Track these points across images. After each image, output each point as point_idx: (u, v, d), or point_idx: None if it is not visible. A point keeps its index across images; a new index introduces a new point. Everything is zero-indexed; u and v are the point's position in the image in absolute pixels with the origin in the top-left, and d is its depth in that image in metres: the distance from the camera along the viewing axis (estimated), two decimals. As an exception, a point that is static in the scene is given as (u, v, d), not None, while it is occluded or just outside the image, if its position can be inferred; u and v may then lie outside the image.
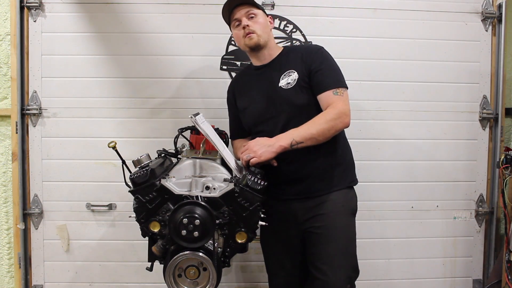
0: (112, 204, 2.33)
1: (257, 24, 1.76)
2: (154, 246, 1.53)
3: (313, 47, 1.84)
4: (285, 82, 1.73)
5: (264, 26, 1.78)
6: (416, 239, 2.42)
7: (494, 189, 2.38)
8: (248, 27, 1.74)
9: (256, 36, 1.75)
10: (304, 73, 1.72)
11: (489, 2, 2.36)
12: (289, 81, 1.73)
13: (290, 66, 1.75)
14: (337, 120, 1.62)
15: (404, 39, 2.34)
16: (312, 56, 1.73)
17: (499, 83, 2.36)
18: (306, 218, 1.73)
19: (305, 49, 1.82)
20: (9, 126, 2.33)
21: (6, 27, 2.31)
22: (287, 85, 1.73)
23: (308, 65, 1.72)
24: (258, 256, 2.38)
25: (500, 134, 2.36)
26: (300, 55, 1.75)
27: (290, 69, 1.74)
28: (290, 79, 1.73)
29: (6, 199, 2.38)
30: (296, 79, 1.72)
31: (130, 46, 2.29)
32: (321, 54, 1.75)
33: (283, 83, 1.74)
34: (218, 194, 1.49)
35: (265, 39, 1.77)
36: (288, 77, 1.74)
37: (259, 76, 1.82)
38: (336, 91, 1.67)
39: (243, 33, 1.76)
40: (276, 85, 1.75)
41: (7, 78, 2.33)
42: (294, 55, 1.78)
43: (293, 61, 1.76)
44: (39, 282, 2.35)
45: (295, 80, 1.72)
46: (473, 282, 2.45)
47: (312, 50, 1.77)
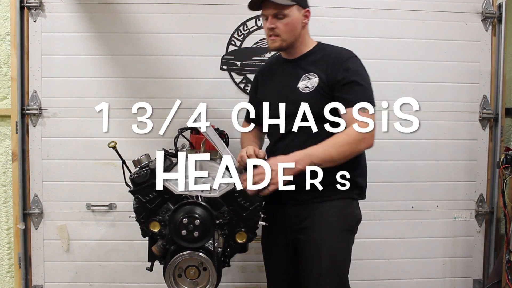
0: (112, 204, 2.33)
1: (284, 26, 1.61)
2: (154, 246, 1.53)
3: (345, 54, 1.65)
4: (304, 85, 1.63)
5: (292, 28, 1.62)
6: (416, 239, 2.42)
7: (494, 189, 2.38)
8: (273, 30, 1.63)
9: (280, 41, 1.63)
10: (326, 81, 1.59)
11: (489, 2, 2.36)
12: (307, 85, 1.62)
13: (314, 69, 1.63)
14: (360, 142, 1.50)
15: (404, 39, 2.34)
16: (341, 65, 1.59)
17: (499, 83, 2.36)
18: (298, 227, 1.64)
19: (335, 54, 1.65)
20: (9, 126, 2.33)
21: (6, 27, 2.31)
22: (305, 89, 1.62)
23: (334, 74, 1.58)
24: (258, 256, 2.36)
25: (500, 134, 2.36)
26: (329, 60, 1.62)
27: (313, 72, 1.63)
28: (310, 83, 1.62)
29: (6, 199, 2.38)
30: (315, 85, 1.61)
31: (130, 46, 2.29)
32: (351, 64, 1.60)
33: (302, 85, 1.63)
34: (218, 194, 1.49)
35: (290, 42, 1.65)
36: (308, 80, 1.63)
37: (284, 70, 1.72)
38: (363, 109, 1.51)
39: (268, 33, 1.65)
40: (295, 84, 1.64)
41: (7, 78, 2.33)
42: (323, 57, 1.65)
43: (320, 63, 1.63)
44: (39, 282, 2.35)
45: (314, 85, 1.61)
46: (473, 282, 2.45)
47: (342, 57, 1.62)
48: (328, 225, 1.60)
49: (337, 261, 1.61)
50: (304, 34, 1.69)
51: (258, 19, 2.30)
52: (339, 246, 1.62)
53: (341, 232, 1.62)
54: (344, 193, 1.57)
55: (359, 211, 1.69)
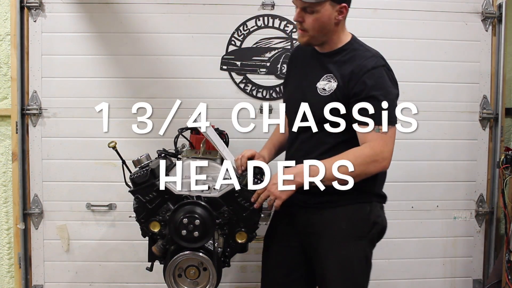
0: (112, 204, 2.33)
1: (313, 22, 1.47)
2: (154, 246, 1.53)
3: (370, 63, 1.48)
4: (322, 86, 1.52)
5: (321, 25, 1.48)
6: (416, 239, 2.42)
7: (494, 189, 2.38)
8: (301, 24, 1.50)
9: (308, 36, 1.51)
10: (342, 89, 1.47)
11: (489, 2, 2.36)
12: (325, 87, 1.51)
13: (336, 72, 1.51)
14: (373, 163, 1.41)
15: (404, 39, 2.34)
16: (360, 76, 1.45)
17: (499, 83, 2.36)
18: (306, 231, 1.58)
19: (360, 61, 1.49)
20: (9, 126, 2.33)
21: (6, 27, 2.31)
22: (322, 91, 1.51)
23: (351, 84, 1.45)
24: (258, 256, 2.35)
25: (500, 134, 2.36)
26: (352, 66, 1.48)
27: (334, 75, 1.51)
28: (328, 86, 1.50)
29: (6, 199, 2.38)
30: (332, 90, 1.49)
31: (130, 46, 2.29)
32: (372, 77, 1.45)
33: (321, 86, 1.52)
34: (218, 194, 1.49)
35: (319, 39, 1.53)
36: (328, 82, 1.51)
37: (310, 62, 1.61)
38: (378, 127, 1.40)
39: (297, 25, 1.54)
40: (315, 82, 1.54)
41: (7, 78, 2.33)
42: (349, 60, 1.51)
43: (344, 68, 1.50)
44: (39, 282, 2.35)
45: (331, 90, 1.49)
46: (473, 282, 2.45)
47: (365, 67, 1.46)
48: (338, 232, 1.53)
49: (346, 268, 1.53)
50: (337, 31, 1.54)
51: (258, 19, 2.30)
52: (348, 253, 1.53)
53: (352, 239, 1.53)
54: (355, 198, 1.51)
55: (376, 215, 1.58)
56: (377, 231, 1.60)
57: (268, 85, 2.33)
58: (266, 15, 2.30)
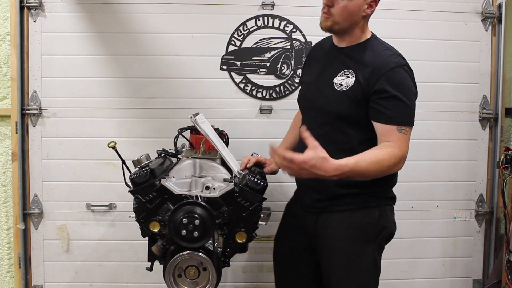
0: (112, 204, 2.33)
1: (342, 9, 1.44)
2: (154, 246, 1.53)
3: (392, 61, 1.45)
4: (339, 82, 1.50)
5: (350, 13, 1.45)
6: (416, 239, 2.42)
7: (494, 189, 2.38)
8: (328, 8, 1.46)
9: (331, 21, 1.47)
10: (362, 86, 1.45)
11: (489, 2, 2.36)
12: (342, 83, 1.49)
13: (355, 68, 1.49)
14: (397, 165, 1.39)
15: (404, 39, 2.34)
16: (382, 74, 1.42)
17: (499, 83, 2.36)
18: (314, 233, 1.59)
19: (381, 58, 1.47)
20: (9, 126, 2.33)
21: (6, 27, 2.31)
22: (339, 86, 1.49)
23: (372, 82, 1.43)
24: (258, 256, 2.38)
25: (500, 134, 2.36)
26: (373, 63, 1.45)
27: (352, 71, 1.49)
28: (345, 82, 1.48)
29: (6, 199, 2.38)
30: (350, 85, 1.47)
31: (130, 46, 2.29)
32: (394, 76, 1.42)
33: (338, 81, 1.50)
34: (218, 194, 1.49)
35: (343, 27, 1.49)
36: (345, 78, 1.49)
37: (329, 56, 1.59)
38: (400, 128, 1.40)
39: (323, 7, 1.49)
40: (332, 77, 1.52)
41: (7, 78, 2.33)
42: (369, 56, 1.49)
43: (363, 64, 1.48)
44: (39, 282, 2.35)
45: (348, 86, 1.47)
46: (473, 282, 2.45)
47: (387, 65, 1.44)
48: (346, 236, 1.53)
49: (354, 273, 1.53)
50: (362, 25, 1.53)
51: (258, 19, 2.30)
52: (356, 258, 1.53)
53: (360, 244, 1.53)
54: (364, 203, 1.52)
55: (385, 220, 1.56)
56: (385, 235, 1.59)
57: (268, 85, 2.33)
58: (266, 15, 2.30)
